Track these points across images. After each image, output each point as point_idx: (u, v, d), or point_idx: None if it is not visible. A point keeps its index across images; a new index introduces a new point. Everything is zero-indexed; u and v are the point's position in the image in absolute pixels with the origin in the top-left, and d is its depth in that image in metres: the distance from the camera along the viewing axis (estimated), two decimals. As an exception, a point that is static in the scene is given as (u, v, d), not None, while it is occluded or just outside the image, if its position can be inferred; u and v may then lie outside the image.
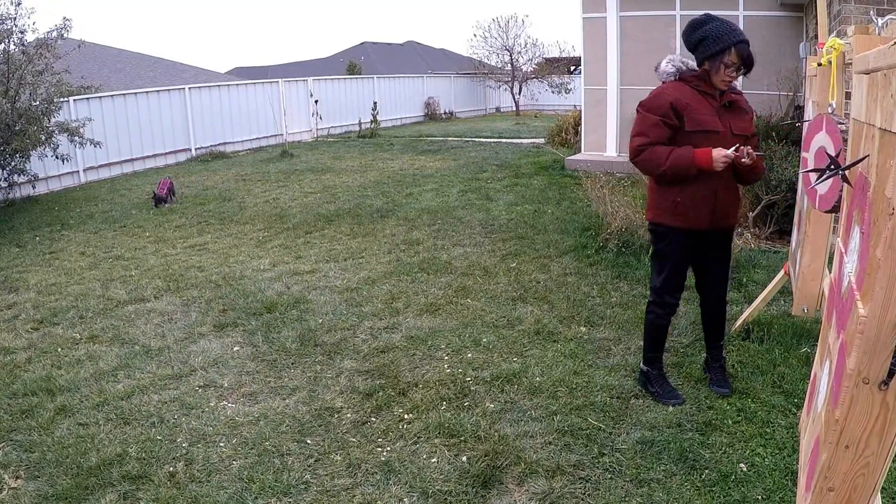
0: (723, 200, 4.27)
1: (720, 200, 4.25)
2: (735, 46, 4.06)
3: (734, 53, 4.06)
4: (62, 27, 12.88)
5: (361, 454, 4.06)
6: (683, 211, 4.28)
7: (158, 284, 7.44)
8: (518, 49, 34.89)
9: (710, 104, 4.21)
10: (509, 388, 4.79)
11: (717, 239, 4.47)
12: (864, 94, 2.17)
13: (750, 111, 4.35)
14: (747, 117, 4.31)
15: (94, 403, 4.81)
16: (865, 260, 1.88)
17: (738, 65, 4.10)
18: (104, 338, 6.01)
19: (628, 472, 3.77)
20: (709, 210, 4.25)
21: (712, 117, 4.17)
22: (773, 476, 3.65)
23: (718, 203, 4.25)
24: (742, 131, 4.24)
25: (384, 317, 6.20)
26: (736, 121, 4.25)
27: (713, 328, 4.74)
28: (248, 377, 5.15)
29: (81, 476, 3.92)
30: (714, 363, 4.77)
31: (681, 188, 4.25)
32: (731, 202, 4.35)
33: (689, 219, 4.29)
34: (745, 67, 4.13)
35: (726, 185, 4.26)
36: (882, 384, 1.77)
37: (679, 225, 4.32)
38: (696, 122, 4.15)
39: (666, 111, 4.20)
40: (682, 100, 4.19)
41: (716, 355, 4.77)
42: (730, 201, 4.33)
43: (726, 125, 4.20)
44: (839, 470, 1.95)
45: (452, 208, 10.69)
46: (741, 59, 4.08)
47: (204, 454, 4.12)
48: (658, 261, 4.55)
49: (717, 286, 4.64)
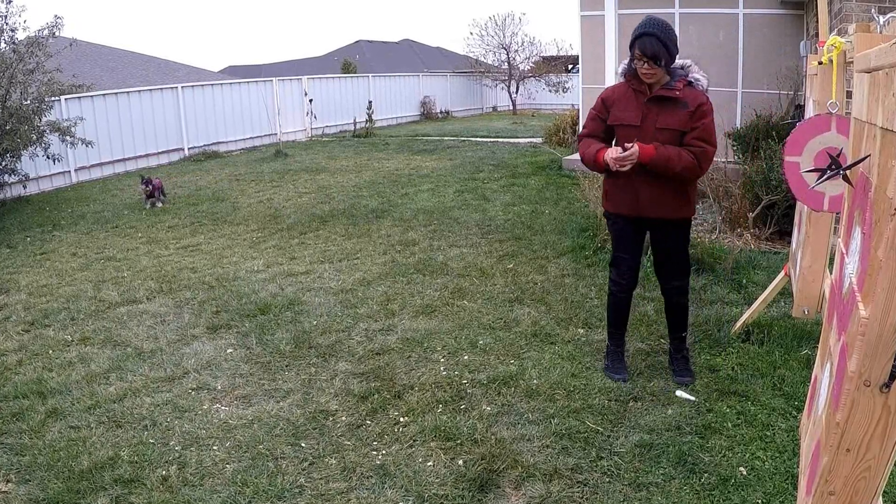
0: (643, 191, 4.59)
1: (640, 191, 4.59)
2: (637, 41, 4.42)
3: (636, 47, 4.41)
4: (53, 25, 12.85)
5: (356, 457, 4.05)
6: (611, 197, 4.80)
7: (151, 286, 7.42)
8: (515, 47, 34.90)
9: (637, 100, 4.56)
10: (506, 390, 4.79)
11: (656, 230, 4.77)
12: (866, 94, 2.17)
13: (693, 104, 4.43)
14: (683, 111, 4.44)
15: (86, 406, 4.80)
16: (867, 261, 1.88)
17: (643, 58, 4.39)
18: (96, 340, 5.99)
19: (627, 476, 3.77)
20: (629, 199, 4.66)
21: (633, 112, 4.55)
22: (773, 480, 3.65)
23: (640, 194, 4.60)
24: (668, 125, 4.44)
25: (379, 318, 6.19)
26: (664, 116, 4.48)
27: (672, 321, 5.01)
28: (242, 379, 5.14)
29: (73, 480, 3.91)
30: (676, 354, 4.99)
31: (606, 177, 4.80)
32: (656, 195, 4.58)
33: (614, 204, 4.77)
34: (651, 59, 4.37)
35: (644, 177, 4.53)
36: (884, 387, 1.77)
37: (608, 209, 4.88)
38: (615, 117, 4.63)
39: (599, 106, 4.77)
40: (613, 96, 4.69)
41: (678, 346, 4.99)
42: (653, 193, 4.58)
43: (650, 120, 4.49)
44: (840, 474, 1.95)
45: (448, 209, 10.69)
46: (642, 52, 4.38)
47: (197, 457, 4.11)
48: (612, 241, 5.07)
49: (667, 276, 4.91)
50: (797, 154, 3.97)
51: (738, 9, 12.26)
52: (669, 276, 4.87)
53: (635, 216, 4.69)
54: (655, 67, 4.38)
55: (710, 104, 4.49)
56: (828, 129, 3.74)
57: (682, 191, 4.59)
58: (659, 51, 4.32)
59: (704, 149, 4.42)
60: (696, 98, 4.45)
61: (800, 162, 3.97)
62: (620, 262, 4.93)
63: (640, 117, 4.51)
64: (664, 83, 4.49)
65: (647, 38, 4.33)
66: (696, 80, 4.52)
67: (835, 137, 3.65)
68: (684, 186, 4.59)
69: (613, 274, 4.99)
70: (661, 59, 4.35)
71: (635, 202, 4.62)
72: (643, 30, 4.37)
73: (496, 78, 34.60)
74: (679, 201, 4.61)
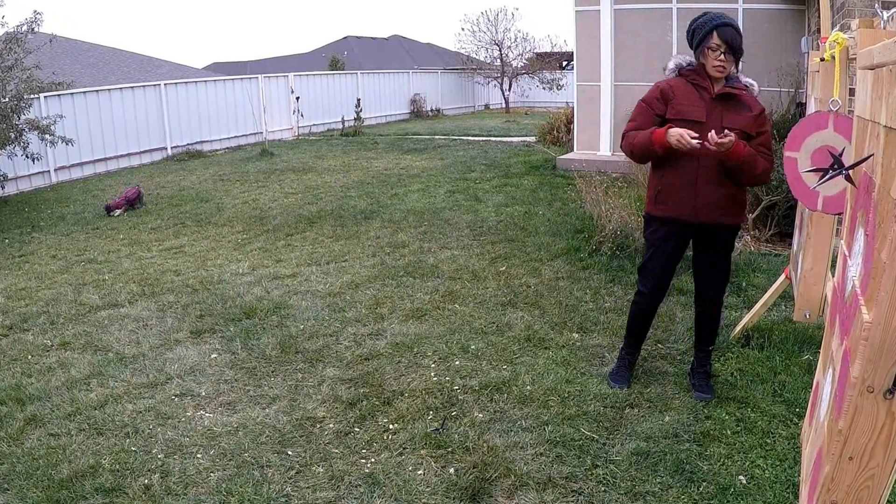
0: (704, 193, 4.38)
1: (701, 192, 4.38)
2: (716, 29, 4.27)
3: (715, 36, 4.25)
4: (33, 21, 12.80)
5: (344, 466, 4.04)
6: (663, 199, 4.52)
7: (133, 289, 7.40)
8: (508, 44, 34.90)
9: (700, 96, 4.40)
10: (499, 396, 4.78)
11: (707, 236, 4.57)
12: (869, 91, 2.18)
13: (756, 108, 4.39)
14: (748, 113, 4.36)
15: (66, 413, 4.78)
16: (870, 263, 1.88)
17: (722, 48, 4.25)
18: (76, 344, 5.97)
19: (623, 485, 3.77)
20: (687, 200, 4.42)
21: (697, 107, 4.36)
22: (773, 489, 3.65)
23: (699, 195, 4.39)
24: (736, 125, 4.29)
25: (368, 323, 6.18)
26: (731, 115, 4.34)
27: (703, 331, 4.84)
28: (227, 385, 5.12)
29: (53, 489, 3.89)
30: (699, 368, 4.84)
31: (661, 177, 4.51)
32: (716, 198, 4.40)
33: (668, 207, 4.51)
34: (730, 50, 4.26)
35: (708, 177, 4.36)
36: (887, 393, 1.77)
37: (659, 213, 4.58)
38: (677, 111, 4.40)
39: (654, 97, 4.51)
40: (672, 89, 4.46)
41: (702, 360, 4.85)
42: (713, 196, 4.39)
43: (716, 117, 4.32)
44: (842, 482, 1.95)
45: (439, 209, 10.69)
46: (723, 41, 4.24)
47: (180, 466, 4.10)
48: (645, 248, 4.82)
49: (708, 286, 4.74)
50: (795, 150, 3.98)
51: (738, 4, 12.30)
52: (710, 283, 4.71)
53: (691, 221, 4.47)
54: (730, 60, 4.29)
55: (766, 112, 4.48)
56: (825, 127, 3.75)
57: (740, 195, 4.51)
58: (740, 42, 4.26)
59: (771, 157, 4.40)
60: (757, 103, 4.41)
61: (797, 158, 3.97)
62: (655, 273, 4.73)
63: (705, 114, 4.34)
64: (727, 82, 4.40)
65: (728, 28, 4.25)
66: (750, 85, 4.45)
67: (832, 136, 3.66)
68: (742, 191, 4.52)
69: (642, 285, 4.83)
70: (740, 52, 4.29)
71: (693, 205, 4.42)
72: (721, 20, 4.28)
73: (488, 75, 34.61)
74: (737, 206, 4.51)
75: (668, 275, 4.76)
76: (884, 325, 1.72)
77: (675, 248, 4.64)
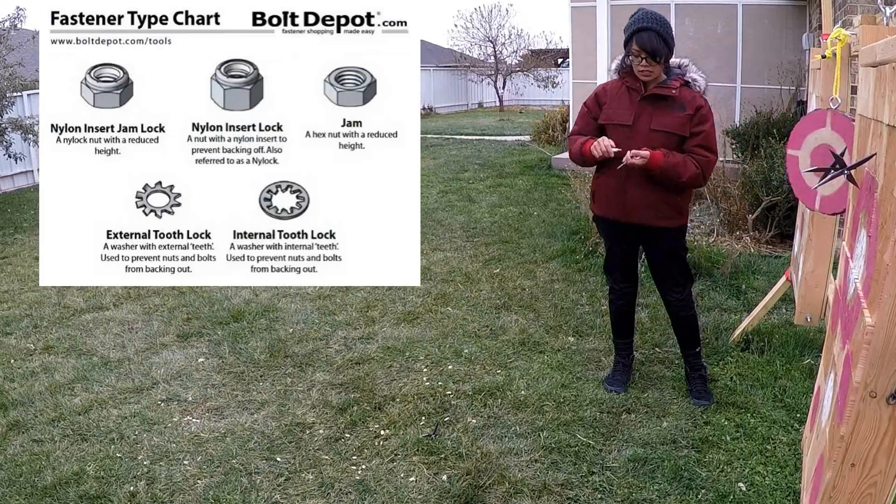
0: (633, 195, 4.43)
1: (630, 195, 4.43)
2: (634, 35, 4.27)
3: (634, 43, 4.26)
4: (15, 17, 12.74)
5: (335, 473, 4.03)
6: (598, 199, 4.70)
7: (118, 291, 7.37)
8: (502, 40, 35.04)
9: (630, 98, 4.44)
10: (493, 402, 4.77)
11: (649, 236, 4.62)
12: (871, 89, 2.17)
13: (691, 107, 4.33)
14: (680, 114, 4.33)
15: (50, 418, 4.76)
16: (872, 265, 1.88)
17: (642, 54, 4.25)
18: (60, 348, 5.94)
19: (619, 492, 3.77)
20: (617, 202, 4.52)
21: (626, 111, 4.43)
22: (774, 496, 3.65)
23: (628, 197, 4.44)
24: (664, 127, 4.32)
25: (359, 326, 6.17)
26: (659, 116, 4.35)
27: (680, 335, 4.87)
28: (214, 390, 5.11)
29: (36, 496, 3.87)
30: (693, 373, 4.82)
31: (597, 177, 4.67)
32: (646, 201, 4.42)
33: (601, 207, 4.68)
34: (649, 56, 4.24)
35: (635, 181, 4.39)
36: (890, 398, 1.77)
37: (597, 212, 4.79)
38: (607, 115, 4.52)
39: (591, 102, 4.65)
40: (606, 93, 4.59)
41: (692, 364, 4.83)
42: (642, 199, 4.42)
43: (644, 120, 4.36)
44: (844, 490, 1.95)
45: (432, 210, 10.68)
46: (640, 47, 4.23)
47: (167, 473, 4.08)
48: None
49: (666, 290, 4.78)
50: (797, 148, 3.98)
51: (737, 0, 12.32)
52: (666, 286, 4.74)
53: (623, 221, 4.54)
54: (654, 64, 4.25)
55: (709, 108, 4.38)
56: (823, 126, 3.75)
57: (674, 199, 4.46)
58: (659, 46, 4.20)
59: (708, 158, 4.33)
60: (694, 100, 4.34)
61: (798, 156, 3.98)
62: (613, 267, 4.87)
63: (632, 117, 4.37)
64: (660, 81, 4.38)
65: (646, 32, 4.20)
66: (693, 81, 4.39)
67: (829, 134, 3.66)
68: (680, 194, 4.49)
69: (610, 281, 4.96)
70: (661, 56, 4.23)
71: (622, 205, 4.48)
72: (640, 24, 4.24)
73: (482, 73, 34.65)
74: (669, 209, 4.47)
75: (629, 266, 4.84)
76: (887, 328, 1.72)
77: (625, 243, 4.75)
